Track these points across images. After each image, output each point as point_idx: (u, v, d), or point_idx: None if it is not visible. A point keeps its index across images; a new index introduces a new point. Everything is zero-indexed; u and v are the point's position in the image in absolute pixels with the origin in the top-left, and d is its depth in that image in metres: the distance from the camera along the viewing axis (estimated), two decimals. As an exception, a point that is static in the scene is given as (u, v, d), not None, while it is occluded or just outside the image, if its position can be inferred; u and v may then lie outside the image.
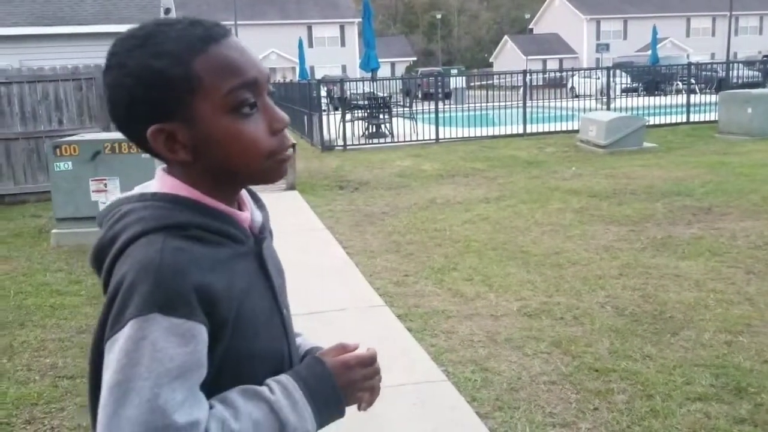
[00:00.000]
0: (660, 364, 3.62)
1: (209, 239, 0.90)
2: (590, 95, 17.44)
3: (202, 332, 0.84)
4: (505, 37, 60.68)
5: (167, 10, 19.55)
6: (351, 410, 1.04)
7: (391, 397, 3.33)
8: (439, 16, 67.37)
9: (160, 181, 0.95)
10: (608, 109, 16.02)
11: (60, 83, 9.62)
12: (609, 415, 3.13)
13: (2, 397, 3.51)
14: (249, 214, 1.00)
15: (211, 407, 0.86)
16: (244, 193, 1.03)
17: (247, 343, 0.92)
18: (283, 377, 0.94)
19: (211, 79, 0.88)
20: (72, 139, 7.06)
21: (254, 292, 0.94)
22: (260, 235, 1.01)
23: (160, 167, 0.98)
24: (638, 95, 17.86)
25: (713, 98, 15.88)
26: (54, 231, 6.93)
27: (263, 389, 0.91)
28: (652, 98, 17.00)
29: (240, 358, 0.92)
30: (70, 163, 6.76)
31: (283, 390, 0.91)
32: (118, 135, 7.65)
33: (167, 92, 0.88)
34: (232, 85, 0.88)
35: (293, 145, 1.05)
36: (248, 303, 0.92)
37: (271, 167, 0.94)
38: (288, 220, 7.79)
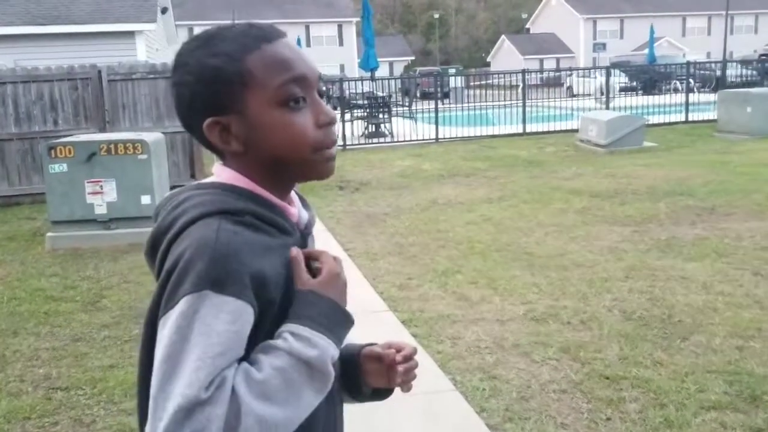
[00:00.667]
0: (671, 371, 3.53)
1: (261, 227, 0.95)
2: (588, 94, 17.37)
3: (249, 312, 0.89)
4: (503, 36, 60.60)
5: (164, 9, 19.42)
6: (351, 423, 1.02)
7: (399, 409, 3.24)
8: (436, 16, 67.26)
9: (218, 173, 1.01)
10: (607, 108, 15.96)
11: (55, 83, 9.50)
12: (622, 425, 3.04)
13: (-4, 408, 3.40)
14: (297, 211, 1.05)
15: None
16: (292, 193, 1.08)
17: None
18: (285, 325, 0.94)
19: (262, 74, 0.95)
20: (67, 140, 6.95)
21: None
22: (305, 231, 1.07)
23: (218, 162, 1.03)
24: (636, 94, 17.80)
25: (711, 97, 15.84)
26: (49, 234, 6.82)
27: (276, 341, 0.92)
28: (650, 97, 16.94)
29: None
30: (65, 164, 6.65)
31: (291, 334, 0.92)
32: (114, 136, 7.55)
33: (222, 87, 0.95)
34: (281, 80, 0.95)
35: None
36: (292, 291, 0.96)
37: (318, 161, 0.99)
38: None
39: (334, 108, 15.92)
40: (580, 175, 9.80)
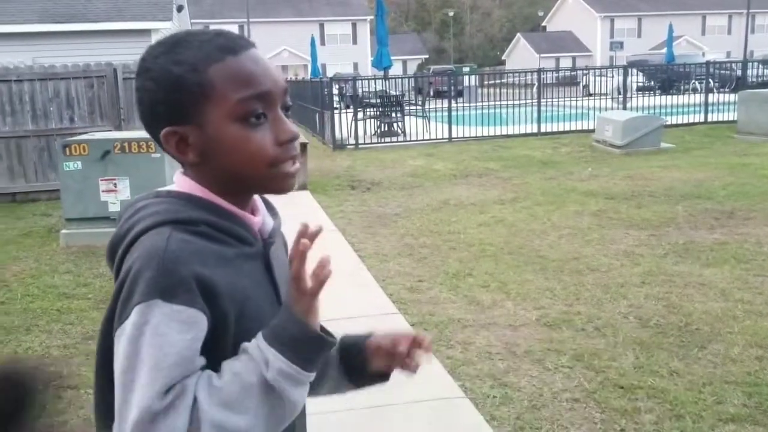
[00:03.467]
0: (688, 381, 3.45)
1: (216, 237, 0.94)
2: (605, 94, 17.19)
3: (202, 320, 0.87)
4: (518, 34, 60.31)
5: (180, 8, 19.47)
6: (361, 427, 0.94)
7: (407, 415, 3.19)
8: (451, 14, 67.03)
9: (176, 182, 1.01)
10: (624, 108, 15.78)
11: (71, 81, 9.54)
12: (637, 437, 2.97)
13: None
14: (260, 219, 1.03)
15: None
16: (258, 199, 1.06)
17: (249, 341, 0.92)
18: (258, 335, 0.91)
19: (223, 87, 0.93)
20: (81, 139, 6.95)
21: (259, 293, 0.98)
22: (269, 240, 1.04)
23: (179, 170, 1.02)
24: (654, 94, 17.60)
25: (731, 97, 15.62)
26: (63, 231, 6.84)
27: (244, 346, 0.91)
28: (668, 97, 16.74)
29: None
30: (79, 162, 6.66)
31: (253, 342, 0.90)
32: (128, 134, 7.55)
33: (183, 97, 0.93)
34: (242, 95, 0.92)
35: (304, 146, 1.03)
36: (252, 303, 0.95)
37: (275, 177, 0.96)
38: (298, 220, 7.65)
39: (347, 107, 15.92)
40: (595, 177, 9.68)
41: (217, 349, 0.90)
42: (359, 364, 1.16)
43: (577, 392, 3.38)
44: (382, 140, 14.99)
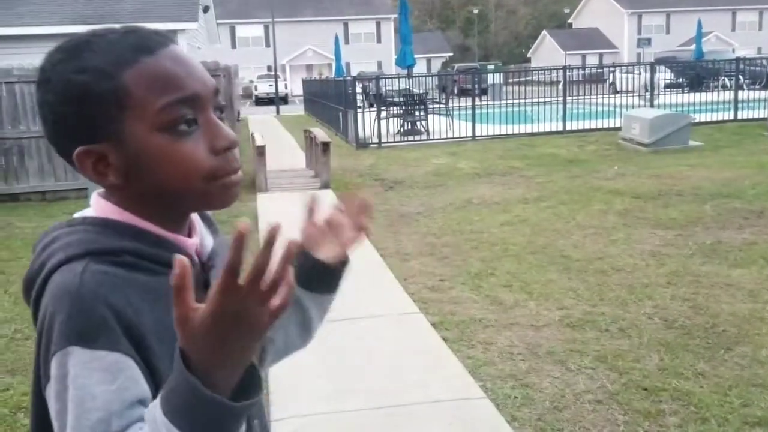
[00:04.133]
0: (714, 384, 3.38)
1: (143, 266, 0.81)
2: (632, 91, 16.96)
3: (128, 365, 0.74)
4: (544, 31, 59.82)
5: (206, 8, 19.63)
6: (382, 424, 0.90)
7: (427, 415, 3.17)
8: (476, 11, 66.73)
9: (93, 205, 0.86)
10: (651, 105, 15.57)
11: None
12: (661, 440, 2.91)
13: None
14: (197, 240, 0.90)
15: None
16: (195, 217, 0.92)
17: None
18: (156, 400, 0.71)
19: (142, 93, 0.79)
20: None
21: None
22: (208, 263, 0.90)
23: (96, 191, 0.88)
24: (682, 91, 17.33)
25: (762, 94, 15.32)
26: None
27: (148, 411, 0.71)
28: (696, 94, 16.47)
29: None
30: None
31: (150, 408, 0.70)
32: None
33: (93, 110, 0.79)
34: (166, 101, 0.79)
35: (327, 144, 0.89)
36: None
37: (213, 191, 0.82)
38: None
39: (371, 106, 15.92)
40: (622, 176, 9.55)
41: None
42: (329, 277, 1.04)
43: (599, 394, 3.33)
44: (405, 139, 14.95)
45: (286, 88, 38.50)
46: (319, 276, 1.03)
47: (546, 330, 4.18)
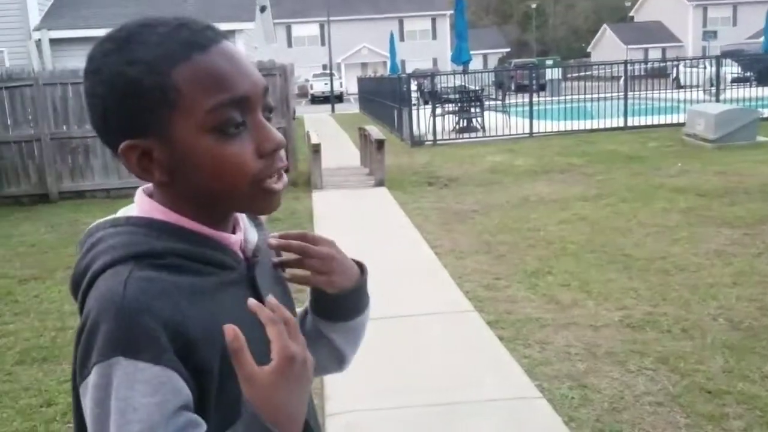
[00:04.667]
0: (783, 388, 3.24)
1: (189, 267, 0.80)
2: (696, 86, 16.41)
3: (172, 379, 0.73)
4: (604, 25, 58.46)
5: (263, 8, 19.95)
6: (434, 430, 0.90)
7: (482, 414, 3.15)
8: (534, 6, 65.76)
9: (137, 203, 0.85)
10: (717, 100, 15.02)
11: (160, 81, 9.93)
12: (725, 445, 2.81)
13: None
14: (241, 236, 0.89)
15: None
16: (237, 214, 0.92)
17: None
18: None
19: (191, 92, 0.77)
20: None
21: (247, 324, 0.76)
22: (253, 259, 0.89)
23: (140, 188, 0.87)
24: (750, 85, 16.67)
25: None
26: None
27: None
28: (765, 89, 15.81)
29: (238, 403, 0.76)
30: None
31: None
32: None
33: (140, 104, 0.77)
34: (216, 102, 0.77)
35: (381, 142, 0.87)
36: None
37: (257, 195, 0.81)
38: (375, 217, 7.70)
39: (426, 103, 15.86)
40: (685, 172, 9.26)
41: (206, 399, 0.78)
42: (330, 310, 1.00)
43: (660, 396, 3.24)
44: (461, 136, 14.87)
45: (341, 86, 38.72)
46: (328, 306, 0.99)
47: (605, 330, 4.08)
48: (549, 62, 33.61)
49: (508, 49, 58.70)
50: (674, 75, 21.45)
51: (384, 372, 3.59)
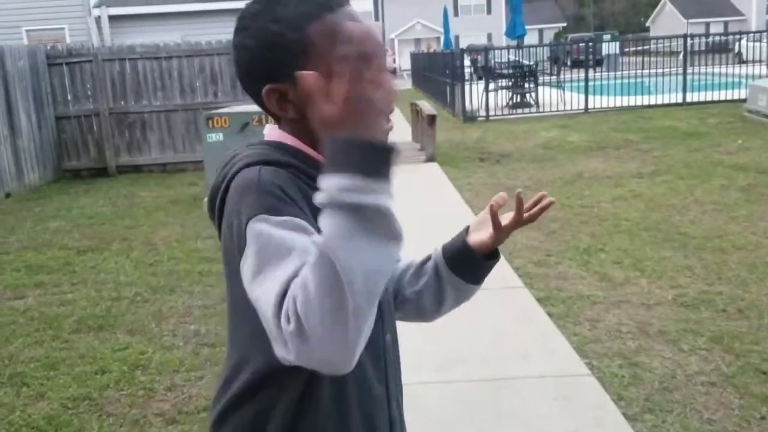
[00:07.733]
0: None
1: (302, 179, 0.96)
2: (759, 61, 15.74)
3: (303, 222, 0.88)
4: (664, -2, 56.40)
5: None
6: (483, 404, 0.93)
7: (530, 390, 3.16)
8: (591, -22, 63.81)
9: (268, 133, 1.05)
10: (783, 75, 14.39)
11: (215, 57, 10.09)
12: (780, 427, 2.76)
13: (148, 361, 3.71)
14: None
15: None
16: None
17: None
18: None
19: (323, 45, 0.93)
20: (223, 111, 7.35)
21: None
22: None
23: (268, 125, 1.06)
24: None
25: None
26: (205, 200, 7.29)
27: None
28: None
29: None
30: (221, 134, 7.04)
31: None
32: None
33: (282, 55, 0.95)
34: (342, 54, 0.86)
35: (433, 117, 0.95)
36: None
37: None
38: (426, 192, 7.70)
39: (479, 78, 15.66)
40: (746, 149, 8.94)
41: None
42: (470, 263, 1.20)
43: (713, 376, 3.19)
44: (514, 111, 14.66)
45: (394, 62, 38.53)
46: (463, 259, 1.20)
47: (658, 308, 4.02)
48: (606, 37, 32.67)
49: (565, 24, 57.28)
50: (736, 49, 20.59)
51: (434, 347, 3.62)
